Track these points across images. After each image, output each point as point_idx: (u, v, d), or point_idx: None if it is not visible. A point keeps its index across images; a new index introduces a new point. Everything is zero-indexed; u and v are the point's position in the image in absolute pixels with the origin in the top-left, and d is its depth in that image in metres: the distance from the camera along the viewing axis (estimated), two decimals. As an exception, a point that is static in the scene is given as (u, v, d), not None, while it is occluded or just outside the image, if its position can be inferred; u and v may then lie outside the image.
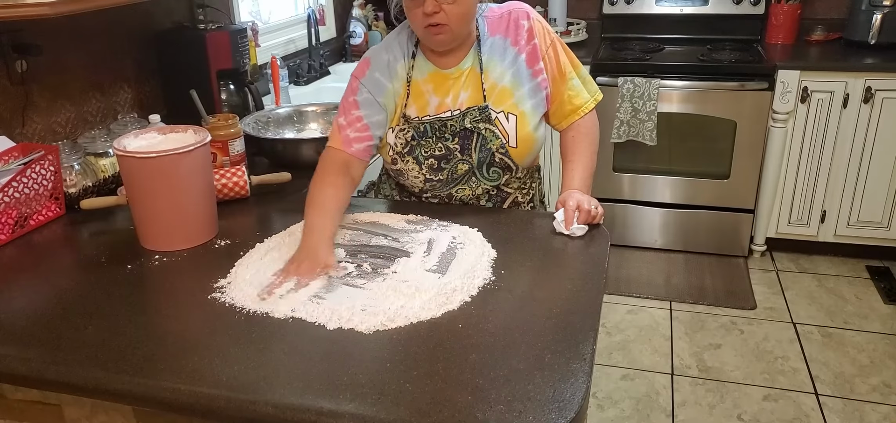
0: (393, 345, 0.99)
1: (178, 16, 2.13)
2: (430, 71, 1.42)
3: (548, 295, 1.13)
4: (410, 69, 1.42)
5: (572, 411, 0.85)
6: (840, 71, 2.78)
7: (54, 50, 1.70)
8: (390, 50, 1.43)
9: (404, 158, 1.44)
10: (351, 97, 1.41)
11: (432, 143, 1.42)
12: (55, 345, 1.02)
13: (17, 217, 1.42)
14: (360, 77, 1.41)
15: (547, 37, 1.44)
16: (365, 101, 1.39)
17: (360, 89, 1.40)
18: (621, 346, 2.55)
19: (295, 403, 0.88)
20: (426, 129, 1.41)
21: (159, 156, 1.27)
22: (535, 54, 1.42)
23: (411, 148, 1.43)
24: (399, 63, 1.42)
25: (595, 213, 1.33)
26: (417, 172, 1.45)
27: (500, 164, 1.44)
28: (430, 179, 1.46)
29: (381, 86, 1.40)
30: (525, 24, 1.42)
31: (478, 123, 1.40)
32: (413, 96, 1.42)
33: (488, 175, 1.46)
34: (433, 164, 1.43)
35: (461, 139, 1.41)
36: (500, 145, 1.41)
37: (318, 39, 2.88)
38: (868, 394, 2.26)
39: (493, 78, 1.41)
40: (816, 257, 3.14)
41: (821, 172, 2.93)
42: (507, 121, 1.41)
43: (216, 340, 1.02)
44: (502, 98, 1.41)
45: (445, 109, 1.42)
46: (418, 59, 1.43)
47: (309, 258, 1.19)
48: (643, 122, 2.94)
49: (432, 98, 1.42)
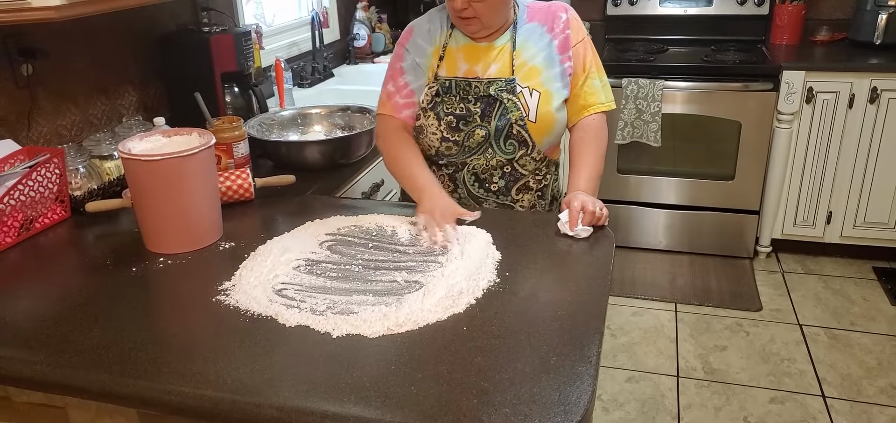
0: (398, 348, 0.98)
1: (183, 19, 2.13)
2: (466, 43, 1.51)
3: (553, 297, 1.13)
4: (448, 37, 1.52)
5: (578, 413, 0.85)
6: (845, 71, 2.78)
7: (59, 53, 1.70)
8: (432, 20, 1.55)
9: (426, 113, 1.51)
10: (398, 64, 1.53)
11: (455, 101, 1.49)
12: (60, 348, 1.02)
13: (23, 220, 1.42)
14: (404, 44, 1.53)
15: (580, 32, 1.53)
16: (410, 66, 1.51)
17: (405, 55, 1.52)
18: (626, 348, 2.54)
19: (299, 406, 0.87)
20: (451, 85, 1.49)
21: (164, 159, 1.27)
22: (566, 43, 1.50)
23: (434, 104, 1.51)
24: (438, 32, 1.53)
25: (600, 214, 1.33)
26: (435, 128, 1.50)
27: (517, 137, 1.49)
28: (446, 139, 1.50)
29: (423, 50, 1.52)
30: (563, 16, 1.51)
31: (502, 92, 1.46)
32: (447, 60, 1.52)
33: (504, 147, 1.50)
34: (451, 122, 1.49)
35: (483, 104, 1.48)
36: (520, 117, 1.46)
37: (321, 42, 2.88)
38: (876, 396, 2.25)
39: (525, 57, 1.49)
40: (822, 259, 3.13)
41: (826, 172, 2.92)
42: (531, 96, 1.47)
43: (221, 343, 1.02)
44: (530, 75, 1.48)
45: (473, 75, 1.50)
46: (456, 32, 1.52)
47: (438, 206, 1.33)
48: (647, 123, 2.93)
49: (462, 64, 1.51)
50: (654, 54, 3.09)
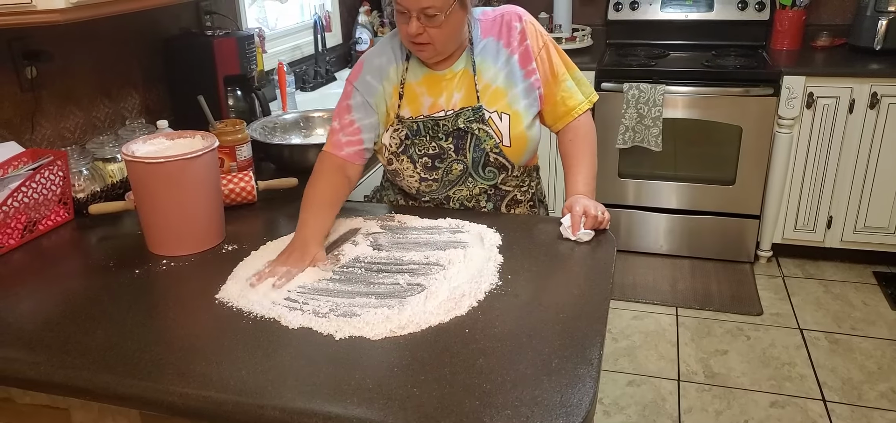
0: (400, 350, 0.99)
1: (186, 22, 2.14)
2: (425, 73, 1.44)
3: (554, 300, 1.13)
4: (404, 72, 1.44)
5: (580, 416, 0.85)
6: (846, 76, 2.78)
7: (63, 56, 1.71)
8: (384, 53, 1.45)
9: (399, 157, 1.46)
10: (345, 101, 1.43)
11: (426, 142, 1.43)
12: (63, 349, 1.02)
13: (27, 222, 1.43)
14: (353, 81, 1.43)
15: (539, 39, 1.45)
16: (357, 104, 1.41)
17: (353, 93, 1.42)
18: (627, 352, 2.54)
19: (303, 407, 0.88)
20: (419, 127, 1.43)
21: (167, 161, 1.28)
22: (527, 55, 1.43)
23: (405, 147, 1.44)
24: (392, 66, 1.44)
25: (602, 218, 1.33)
26: (412, 171, 1.46)
27: (495, 163, 1.45)
28: (425, 179, 1.46)
29: (371, 88, 1.42)
30: (517, 26, 1.44)
31: (471, 123, 1.41)
32: (407, 98, 1.44)
33: (484, 175, 1.47)
34: (427, 162, 1.44)
35: (455, 139, 1.42)
36: (494, 145, 1.42)
37: (324, 45, 2.89)
38: (876, 401, 2.25)
39: (487, 79, 1.43)
40: (823, 263, 3.13)
41: (827, 177, 2.93)
42: (501, 120, 1.42)
43: (223, 344, 1.02)
44: (495, 98, 1.43)
45: (439, 110, 1.43)
46: (412, 61, 1.44)
47: (298, 251, 1.24)
48: (648, 127, 2.94)
49: (426, 99, 1.44)
50: (655, 59, 3.10)
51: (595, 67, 2.99)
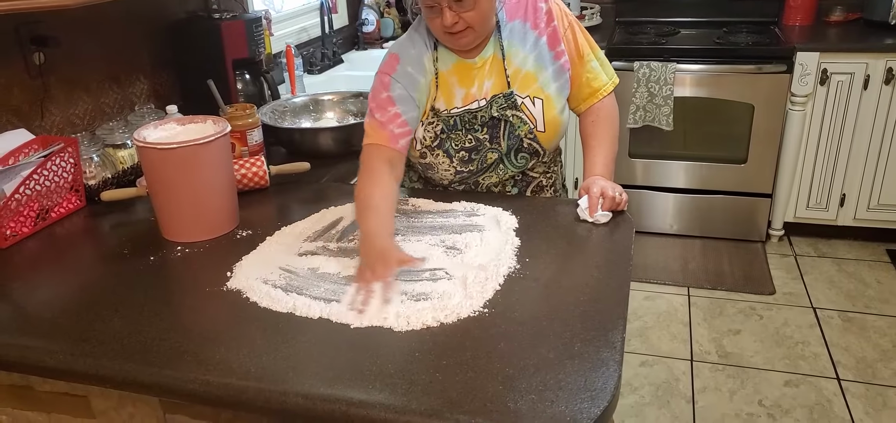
0: (420, 336, 0.98)
1: (193, 5, 2.12)
2: (454, 62, 1.41)
3: (574, 283, 1.12)
4: (435, 61, 1.40)
5: (605, 400, 0.84)
6: (860, 52, 2.74)
7: (70, 42, 1.69)
8: (415, 44, 1.40)
9: (433, 151, 1.43)
10: (384, 93, 1.34)
11: (462, 135, 1.41)
12: (82, 337, 1.02)
13: (39, 210, 1.42)
14: (390, 73, 1.36)
15: (565, 19, 1.43)
16: (400, 96, 1.34)
17: (392, 85, 1.35)
18: (640, 332, 2.54)
19: (325, 393, 0.87)
20: (456, 121, 1.40)
21: (180, 147, 1.26)
22: (555, 36, 1.40)
23: (441, 141, 1.41)
24: (425, 56, 1.39)
25: (619, 199, 1.32)
26: (448, 165, 1.44)
27: (528, 149, 1.43)
28: (460, 171, 1.45)
29: (414, 80, 1.36)
30: (543, 7, 1.41)
31: (505, 110, 1.39)
32: (441, 89, 1.40)
33: (517, 161, 1.45)
34: (464, 156, 1.42)
35: (490, 129, 1.40)
36: (528, 131, 1.40)
37: (331, 28, 2.87)
38: (891, 379, 2.24)
39: (516, 64, 1.40)
40: (835, 241, 3.10)
41: (840, 155, 2.89)
42: (534, 105, 1.40)
43: (242, 331, 1.01)
44: (527, 83, 1.40)
45: (472, 100, 1.40)
46: (441, 50, 1.40)
47: (380, 261, 1.11)
48: (659, 106, 2.91)
49: (458, 89, 1.40)
50: (665, 37, 3.06)
51: (605, 46, 2.95)
